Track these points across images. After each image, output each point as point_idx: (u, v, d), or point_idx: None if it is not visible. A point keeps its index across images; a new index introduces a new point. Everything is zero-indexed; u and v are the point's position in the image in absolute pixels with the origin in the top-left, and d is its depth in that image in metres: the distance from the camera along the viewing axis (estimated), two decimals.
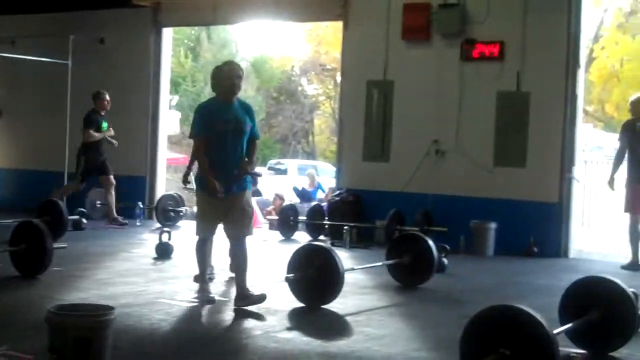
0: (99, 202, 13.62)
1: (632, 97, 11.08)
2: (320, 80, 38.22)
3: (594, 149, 16.32)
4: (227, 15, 14.81)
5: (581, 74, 12.01)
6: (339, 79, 17.35)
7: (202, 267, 7.20)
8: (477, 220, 11.71)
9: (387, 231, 11.76)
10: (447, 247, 9.67)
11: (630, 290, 5.81)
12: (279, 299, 7.23)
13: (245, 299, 6.89)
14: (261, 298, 6.89)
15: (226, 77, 7.02)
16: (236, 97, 7.11)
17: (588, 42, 27.63)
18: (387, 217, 11.93)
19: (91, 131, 12.71)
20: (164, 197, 13.96)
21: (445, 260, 9.40)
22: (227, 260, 7.86)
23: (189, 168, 10.19)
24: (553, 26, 11.71)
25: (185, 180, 10.45)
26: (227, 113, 6.99)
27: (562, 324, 5.59)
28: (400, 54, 12.74)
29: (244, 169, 6.98)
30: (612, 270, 9.24)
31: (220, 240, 7.39)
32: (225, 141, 6.95)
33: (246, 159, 7.01)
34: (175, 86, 28.10)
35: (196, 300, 7.18)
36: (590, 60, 30.81)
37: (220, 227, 7.15)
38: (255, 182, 9.01)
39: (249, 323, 6.54)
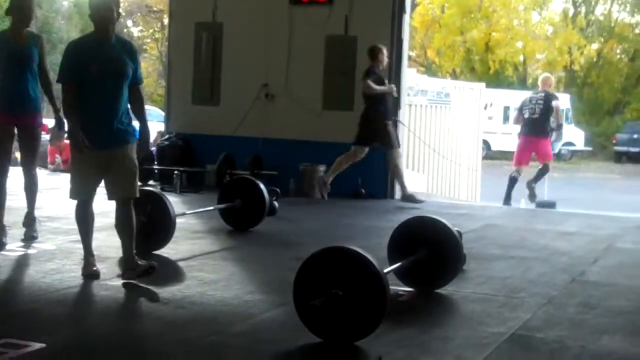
0: None
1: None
2: (147, 22, 37.45)
3: (418, 93, 16.74)
4: None
5: (406, 19, 12.21)
6: (166, 21, 16.95)
7: (85, 239, 6.13)
8: (307, 163, 11.83)
9: (217, 175, 11.70)
10: (278, 190, 9.72)
11: (455, 229, 6.03)
12: (108, 246, 7.05)
13: (134, 269, 5.98)
14: (151, 267, 5.97)
15: (95, 6, 5.87)
16: (113, 33, 5.98)
17: None
18: (218, 161, 11.86)
19: None
20: None
21: (276, 204, 9.44)
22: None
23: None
24: None
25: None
26: (104, 52, 5.88)
27: (391, 264, 5.70)
28: None
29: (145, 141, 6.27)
30: (437, 211, 9.53)
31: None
32: (103, 86, 5.86)
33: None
34: None
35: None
36: (413, 6, 31.51)
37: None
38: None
39: (78, 271, 6.35)
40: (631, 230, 9.63)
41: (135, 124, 6.13)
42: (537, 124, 12.23)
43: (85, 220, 6.13)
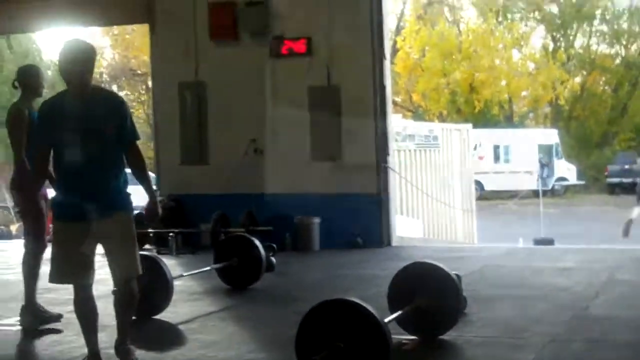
0: None
1: None
2: (132, 86, 37.62)
3: (406, 138, 16.85)
4: (26, 23, 14.25)
5: (387, 65, 12.30)
6: (150, 83, 17.04)
7: (86, 335, 5.41)
8: (301, 216, 11.83)
9: (212, 235, 11.65)
10: (274, 245, 9.69)
11: (453, 273, 6.02)
12: (109, 314, 7.00)
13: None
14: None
15: (62, 60, 5.08)
16: (89, 88, 5.16)
17: (391, 34, 28.47)
18: (212, 221, 11.83)
19: None
20: None
21: (273, 259, 9.41)
22: None
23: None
24: (357, 19, 11.96)
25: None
26: (77, 111, 5.10)
27: (392, 312, 5.68)
28: (210, 54, 12.64)
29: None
30: (434, 255, 9.52)
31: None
32: (79, 149, 5.08)
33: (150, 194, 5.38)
34: None
35: None
36: (395, 51, 31.82)
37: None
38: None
39: (78, 341, 6.29)
40: (629, 262, 9.66)
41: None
42: None
43: (84, 314, 5.35)
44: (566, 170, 34.29)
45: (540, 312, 6.79)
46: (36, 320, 6.77)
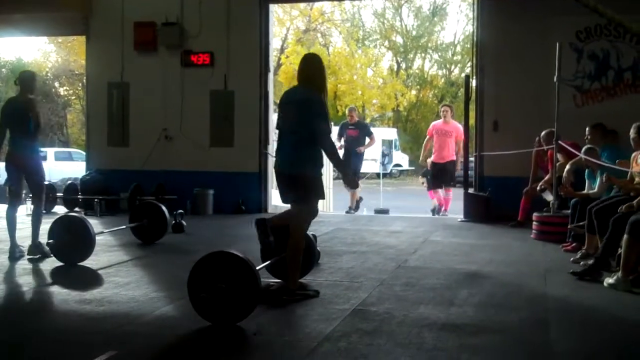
0: None
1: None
2: (71, 83, 36.40)
3: None
4: None
5: (271, 76, 12.33)
6: (85, 82, 16.51)
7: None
8: (199, 188, 11.74)
9: (129, 201, 11.46)
10: (183, 212, 9.62)
11: (310, 233, 6.10)
12: (43, 261, 6.82)
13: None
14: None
15: None
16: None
17: (276, 53, 28.41)
18: (129, 190, 11.63)
19: None
20: None
21: (184, 222, 9.34)
22: None
23: None
24: (249, 40, 11.91)
25: None
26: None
27: (263, 262, 5.74)
28: (133, 61, 12.37)
29: None
30: None
31: None
32: None
33: None
34: None
35: None
36: (279, 66, 31.75)
37: None
38: None
39: (18, 280, 6.12)
40: (440, 228, 9.97)
41: None
42: None
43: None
44: (401, 159, 35.13)
45: (373, 264, 6.93)
46: None
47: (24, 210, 6.89)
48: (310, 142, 5.20)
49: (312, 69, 5.34)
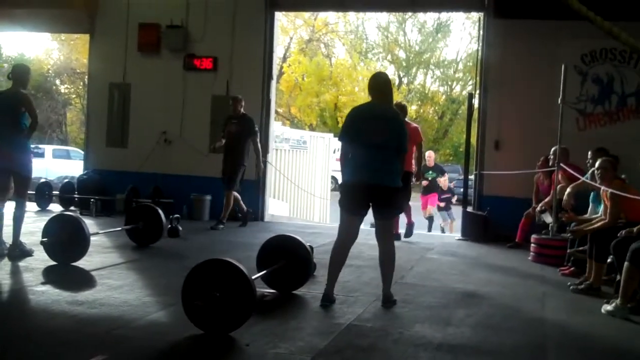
0: None
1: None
2: (72, 82, 36.35)
3: (282, 140, 16.86)
4: None
5: (273, 84, 12.30)
6: (87, 81, 16.49)
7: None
8: (196, 193, 11.67)
9: (125, 202, 11.40)
10: (179, 216, 9.54)
11: (307, 244, 6.06)
12: (36, 259, 6.75)
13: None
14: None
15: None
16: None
17: (279, 61, 28.47)
18: (126, 192, 11.57)
19: None
20: None
21: (180, 227, 9.26)
22: None
23: None
24: (253, 47, 11.89)
25: None
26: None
27: (259, 271, 5.70)
28: (136, 62, 12.35)
29: None
30: (295, 230, 9.56)
31: None
32: None
33: None
34: None
35: None
36: (280, 74, 31.81)
37: None
38: None
39: (10, 279, 6.04)
40: (437, 245, 9.92)
41: None
42: None
43: None
44: None
45: (369, 278, 6.86)
46: None
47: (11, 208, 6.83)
48: (396, 157, 5.53)
49: (389, 87, 5.66)
